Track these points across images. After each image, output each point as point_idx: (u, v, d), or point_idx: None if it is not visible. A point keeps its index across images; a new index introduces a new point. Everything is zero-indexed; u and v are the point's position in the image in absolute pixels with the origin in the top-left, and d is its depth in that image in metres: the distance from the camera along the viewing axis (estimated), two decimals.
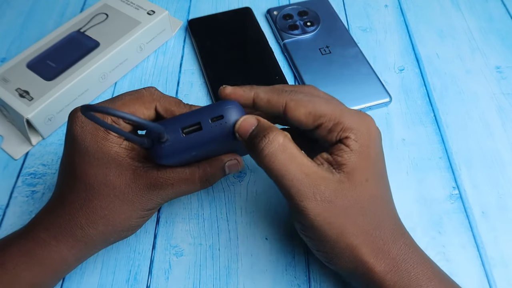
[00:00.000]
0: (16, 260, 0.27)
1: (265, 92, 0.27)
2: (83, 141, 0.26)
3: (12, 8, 0.53)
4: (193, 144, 0.25)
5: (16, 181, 0.38)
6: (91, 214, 0.27)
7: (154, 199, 0.28)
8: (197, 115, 0.26)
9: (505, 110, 0.41)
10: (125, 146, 0.27)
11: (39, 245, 0.27)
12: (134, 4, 0.46)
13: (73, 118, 0.27)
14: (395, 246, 0.25)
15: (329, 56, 0.45)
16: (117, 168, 0.27)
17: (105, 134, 0.27)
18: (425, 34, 0.48)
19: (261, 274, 0.32)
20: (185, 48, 0.48)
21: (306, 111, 0.26)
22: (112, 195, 0.27)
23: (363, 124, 0.26)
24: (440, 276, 0.26)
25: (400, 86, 0.43)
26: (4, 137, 0.41)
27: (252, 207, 0.36)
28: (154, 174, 0.27)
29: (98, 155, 0.26)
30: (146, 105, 0.28)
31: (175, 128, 0.25)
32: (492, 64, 0.45)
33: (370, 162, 0.26)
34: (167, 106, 0.28)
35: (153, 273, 0.33)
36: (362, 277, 0.26)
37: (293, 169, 0.24)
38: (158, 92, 0.29)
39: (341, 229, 0.25)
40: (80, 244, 0.28)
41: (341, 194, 0.25)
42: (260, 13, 0.51)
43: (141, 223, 0.29)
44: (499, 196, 0.36)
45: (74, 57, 0.42)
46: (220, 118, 0.25)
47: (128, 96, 0.28)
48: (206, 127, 0.25)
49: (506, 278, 0.32)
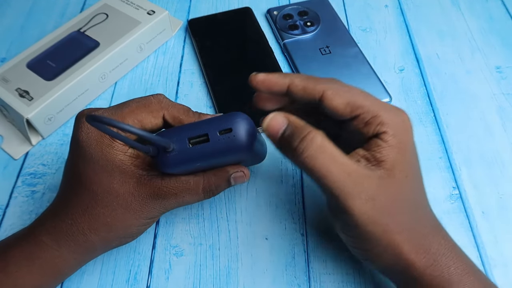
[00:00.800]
0: (18, 263, 0.27)
1: (301, 79, 0.27)
2: (88, 147, 0.26)
3: (12, 8, 0.53)
4: (199, 155, 0.25)
5: (16, 181, 0.38)
6: (93, 220, 0.27)
7: (157, 208, 0.28)
8: (205, 126, 0.25)
9: (505, 110, 0.41)
10: (130, 154, 0.27)
11: (41, 248, 0.27)
12: (134, 4, 0.46)
13: (78, 123, 0.27)
14: (435, 241, 0.25)
15: (329, 56, 0.45)
16: (121, 176, 0.26)
17: (110, 141, 0.26)
18: (425, 34, 0.48)
19: (261, 274, 0.32)
20: (185, 48, 0.48)
21: (344, 101, 0.26)
22: (115, 203, 0.27)
23: (400, 119, 0.26)
24: (477, 271, 0.26)
25: (400, 86, 0.43)
26: (4, 137, 0.41)
27: (252, 207, 0.36)
28: (158, 183, 0.27)
29: (102, 162, 0.26)
30: (154, 113, 0.28)
31: (182, 138, 0.25)
32: (492, 64, 0.45)
33: (408, 158, 0.26)
34: (175, 114, 0.28)
35: (153, 273, 0.33)
36: (401, 273, 0.26)
37: (335, 169, 0.24)
38: (166, 100, 0.28)
39: (384, 227, 0.24)
40: (82, 249, 0.28)
41: (384, 191, 0.24)
42: (260, 13, 0.51)
43: (142, 230, 0.29)
44: (499, 196, 0.36)
45: (74, 57, 0.42)
46: (229, 131, 0.25)
47: (135, 103, 0.28)
48: (214, 139, 0.25)
49: (506, 278, 0.32)
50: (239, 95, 0.41)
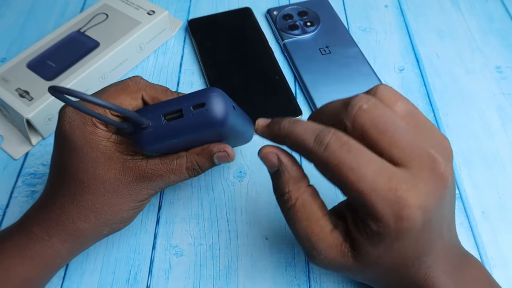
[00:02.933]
0: (9, 255, 0.27)
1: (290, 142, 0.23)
2: (71, 136, 0.26)
3: (12, 8, 0.53)
4: (174, 132, 0.25)
5: (16, 181, 0.38)
6: (82, 208, 0.27)
7: (145, 190, 0.28)
8: (180, 102, 0.25)
9: (505, 110, 0.41)
10: (114, 140, 0.27)
11: (32, 239, 0.27)
12: (134, 4, 0.46)
13: (61, 115, 0.27)
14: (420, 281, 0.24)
15: (329, 56, 0.45)
16: (106, 162, 0.27)
17: (93, 128, 0.26)
18: (425, 34, 0.48)
19: (261, 274, 0.32)
20: (185, 48, 0.48)
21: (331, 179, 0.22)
22: (102, 188, 0.27)
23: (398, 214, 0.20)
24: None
25: (400, 86, 0.43)
26: (4, 137, 0.41)
27: (252, 207, 0.36)
28: (143, 166, 0.27)
29: (86, 149, 0.26)
30: (132, 95, 0.28)
31: (157, 114, 0.25)
32: (492, 64, 0.45)
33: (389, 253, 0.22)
34: (153, 94, 0.28)
35: (153, 273, 0.33)
36: None
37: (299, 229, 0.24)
38: (143, 81, 0.29)
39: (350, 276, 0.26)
40: (73, 238, 0.28)
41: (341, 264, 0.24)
42: (260, 13, 0.51)
43: (133, 214, 0.29)
44: (499, 196, 0.36)
45: (74, 57, 0.42)
46: (202, 106, 0.25)
47: (113, 88, 0.28)
48: (187, 114, 0.25)
49: (506, 278, 0.32)
50: (239, 95, 0.41)
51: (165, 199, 0.36)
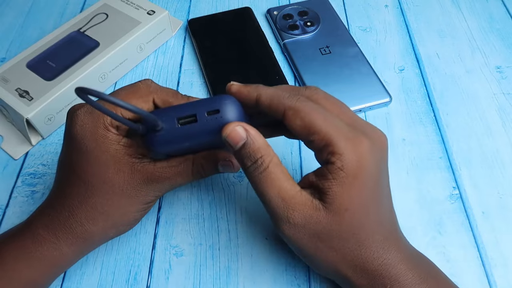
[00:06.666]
0: (15, 257, 0.27)
1: (267, 96, 0.26)
2: (82, 139, 0.26)
3: (12, 8, 0.53)
4: (187, 135, 0.26)
5: (16, 181, 0.38)
6: (90, 210, 0.27)
7: (152, 192, 0.28)
8: (194, 107, 0.26)
9: (505, 110, 0.41)
10: (124, 143, 0.27)
11: (39, 241, 0.27)
12: (134, 4, 0.46)
13: (72, 117, 0.27)
14: (375, 263, 0.26)
15: (329, 56, 0.45)
16: (115, 165, 0.27)
17: (104, 132, 0.27)
18: (425, 34, 0.48)
19: (261, 274, 0.32)
20: (185, 48, 0.48)
21: (302, 123, 0.25)
22: (111, 191, 0.27)
23: (356, 151, 0.24)
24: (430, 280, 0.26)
25: (400, 86, 0.43)
26: (4, 137, 0.41)
27: (252, 207, 0.36)
28: (151, 169, 0.27)
29: (97, 153, 0.26)
30: (144, 98, 0.28)
31: (171, 117, 0.26)
32: (492, 64, 0.45)
33: (354, 192, 0.25)
34: (164, 97, 0.28)
35: (153, 273, 0.33)
36: (344, 284, 0.28)
37: (273, 194, 0.25)
38: (154, 84, 0.29)
39: (315, 250, 0.26)
40: (80, 240, 0.28)
41: (315, 220, 0.25)
42: (260, 13, 0.51)
43: (139, 217, 0.30)
44: (499, 196, 0.36)
45: (74, 57, 0.42)
46: (216, 113, 0.25)
47: (125, 91, 0.28)
48: (202, 119, 0.25)
49: (506, 278, 0.32)
50: None
51: (165, 199, 0.36)
